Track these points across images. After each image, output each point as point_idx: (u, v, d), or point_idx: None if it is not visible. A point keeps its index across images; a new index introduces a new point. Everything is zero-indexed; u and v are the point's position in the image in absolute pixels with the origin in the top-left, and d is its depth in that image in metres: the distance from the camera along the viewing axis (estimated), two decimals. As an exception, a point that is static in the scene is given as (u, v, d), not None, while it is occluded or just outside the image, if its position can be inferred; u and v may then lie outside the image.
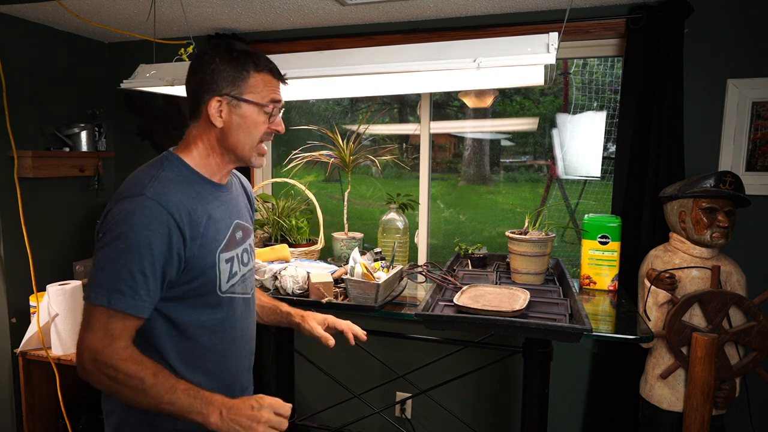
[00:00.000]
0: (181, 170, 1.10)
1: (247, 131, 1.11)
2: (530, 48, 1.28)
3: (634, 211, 2.00)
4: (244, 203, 1.27)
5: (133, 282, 0.98)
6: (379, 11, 2.13)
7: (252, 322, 1.26)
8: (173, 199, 1.02)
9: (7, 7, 2.14)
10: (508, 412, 2.37)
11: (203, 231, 1.06)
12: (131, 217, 0.99)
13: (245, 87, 1.09)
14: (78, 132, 2.48)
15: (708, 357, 1.59)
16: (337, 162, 2.20)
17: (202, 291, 1.08)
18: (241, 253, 1.19)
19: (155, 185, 1.03)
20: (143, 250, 0.98)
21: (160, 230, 0.99)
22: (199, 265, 1.06)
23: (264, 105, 1.10)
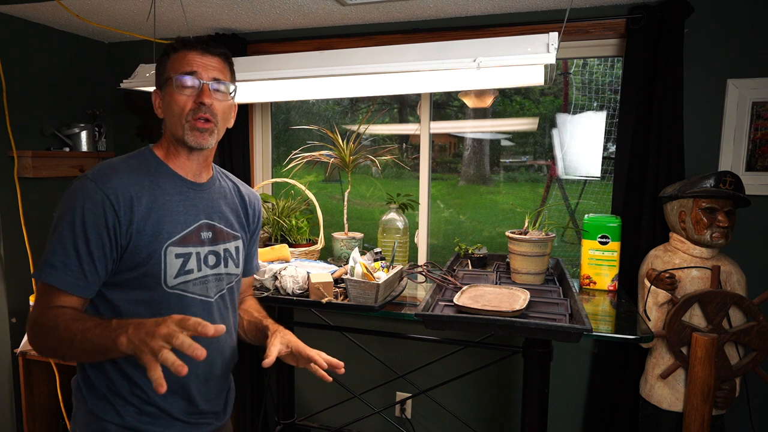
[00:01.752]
0: (148, 162, 1.13)
1: (171, 110, 1.12)
2: (530, 48, 1.28)
3: (634, 211, 2.00)
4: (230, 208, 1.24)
5: (66, 257, 1.00)
6: (379, 11, 2.13)
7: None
8: (113, 182, 1.04)
9: (7, 7, 2.14)
10: (508, 412, 2.37)
11: (144, 218, 1.06)
12: (70, 196, 1.03)
13: (164, 72, 1.14)
14: (78, 132, 2.48)
15: (708, 357, 1.59)
16: (337, 162, 2.20)
17: (145, 282, 1.07)
18: (206, 253, 1.15)
19: (103, 169, 1.06)
20: (77, 228, 1.01)
21: (94, 210, 1.01)
22: (140, 253, 1.05)
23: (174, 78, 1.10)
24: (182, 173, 1.16)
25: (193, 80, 1.11)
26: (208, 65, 1.13)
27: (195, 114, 1.11)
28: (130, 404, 1.09)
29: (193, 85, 1.11)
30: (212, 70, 1.14)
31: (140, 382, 1.09)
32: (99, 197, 1.02)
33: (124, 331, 0.90)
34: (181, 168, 1.16)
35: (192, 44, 1.13)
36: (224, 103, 1.16)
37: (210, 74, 1.13)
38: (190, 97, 1.11)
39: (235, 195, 1.29)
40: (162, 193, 1.10)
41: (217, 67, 1.15)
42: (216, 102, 1.13)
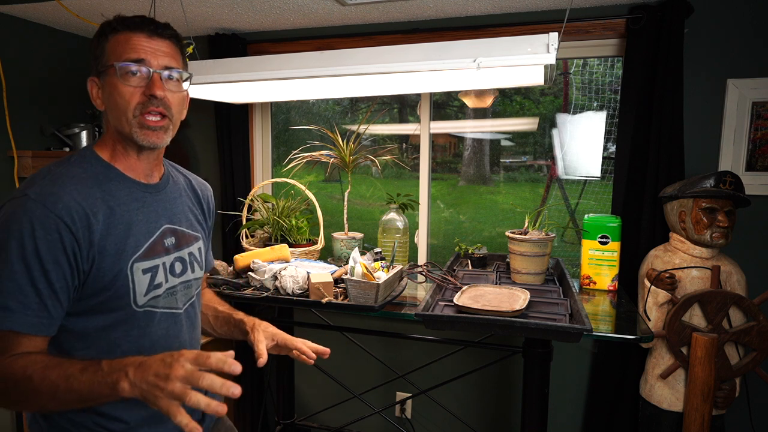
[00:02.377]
0: (92, 166, 0.97)
1: (114, 103, 0.95)
2: (530, 48, 1.28)
3: (634, 211, 2.00)
4: (188, 206, 1.13)
5: (23, 296, 0.85)
6: (379, 11, 2.13)
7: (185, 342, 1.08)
8: (63, 200, 0.88)
9: (7, 7, 2.14)
10: (508, 412, 2.37)
11: (105, 236, 0.92)
12: (12, 222, 0.86)
13: (104, 56, 0.96)
14: (78, 132, 2.48)
15: (708, 357, 1.59)
16: (337, 162, 2.20)
17: (112, 305, 0.94)
18: (172, 262, 1.04)
19: (44, 184, 0.90)
20: (30, 260, 0.85)
21: (47, 237, 0.86)
22: (105, 276, 0.92)
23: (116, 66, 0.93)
24: (133, 175, 1.01)
25: (141, 69, 0.94)
26: (157, 50, 0.96)
27: (144, 108, 0.95)
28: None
29: (141, 74, 0.95)
30: (162, 56, 0.97)
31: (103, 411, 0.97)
32: (51, 220, 0.86)
33: (124, 375, 0.80)
34: (131, 169, 1.01)
35: (137, 25, 0.95)
36: (178, 95, 1.00)
37: (160, 61, 0.96)
38: (137, 88, 0.94)
39: (189, 190, 1.17)
40: (117, 203, 0.96)
41: (167, 53, 0.98)
42: (169, 93, 0.97)
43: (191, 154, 2.67)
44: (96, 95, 1.00)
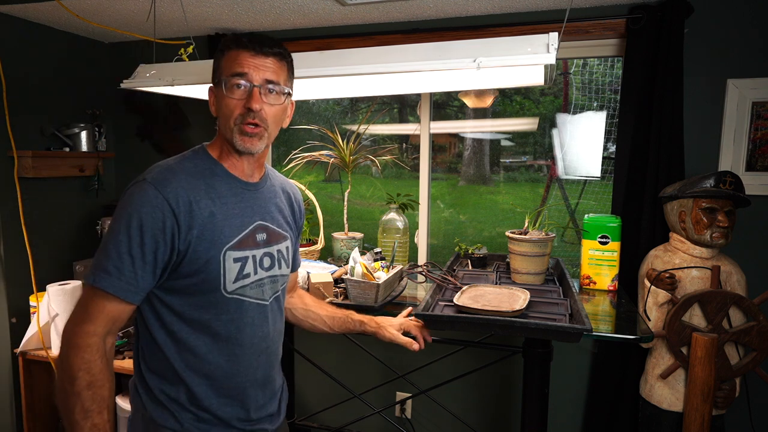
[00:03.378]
0: (203, 162, 1.10)
1: (222, 111, 1.09)
2: (530, 48, 1.28)
3: (634, 211, 2.00)
4: (281, 207, 1.23)
5: (120, 262, 0.98)
6: (379, 11, 2.13)
7: (268, 333, 1.18)
8: (173, 186, 1.02)
9: (7, 7, 2.14)
10: (508, 412, 2.37)
11: (204, 223, 1.04)
12: (129, 200, 1.01)
13: (218, 70, 1.10)
14: (78, 132, 2.48)
15: (708, 357, 1.59)
16: (337, 162, 2.20)
17: (204, 287, 1.05)
18: (261, 256, 1.14)
19: (161, 171, 1.04)
20: (133, 231, 0.98)
21: (153, 214, 0.99)
22: (199, 259, 1.03)
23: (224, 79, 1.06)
24: (236, 173, 1.13)
25: (243, 83, 1.06)
26: (260, 66, 1.07)
27: (244, 119, 1.06)
28: (187, 411, 1.08)
29: (244, 88, 1.06)
30: (264, 71, 1.07)
31: (196, 390, 1.08)
32: (158, 201, 1.00)
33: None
34: (234, 168, 1.13)
35: (244, 43, 1.07)
36: (276, 107, 1.10)
37: (261, 76, 1.07)
38: (239, 101, 1.06)
39: (283, 193, 1.27)
40: (218, 195, 1.08)
41: (270, 68, 1.08)
42: (267, 106, 1.08)
43: (191, 154, 2.67)
44: (212, 102, 1.14)
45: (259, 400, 1.17)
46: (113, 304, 1.00)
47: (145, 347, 1.10)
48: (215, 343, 1.08)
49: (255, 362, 1.14)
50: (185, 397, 1.08)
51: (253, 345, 1.13)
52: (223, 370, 1.10)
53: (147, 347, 1.09)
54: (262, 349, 1.16)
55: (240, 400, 1.13)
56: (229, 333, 1.09)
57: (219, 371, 1.09)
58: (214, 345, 1.08)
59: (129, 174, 2.80)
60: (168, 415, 1.08)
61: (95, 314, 0.99)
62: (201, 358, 1.08)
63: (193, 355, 1.07)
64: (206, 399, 1.09)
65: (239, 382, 1.12)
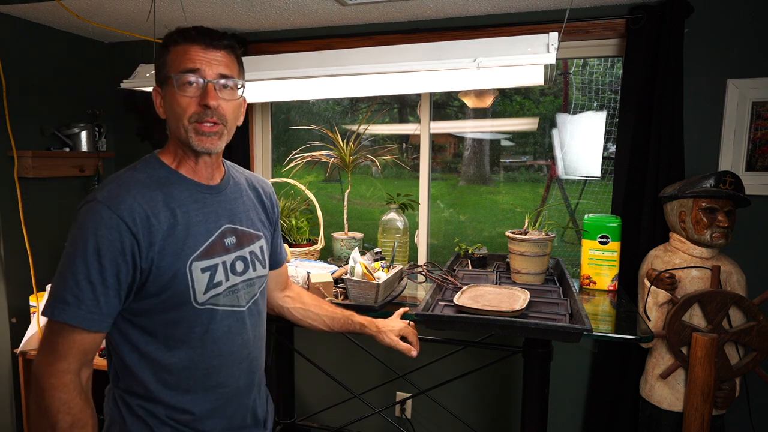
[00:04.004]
0: (155, 170, 1.04)
1: (173, 111, 1.01)
2: (530, 48, 1.28)
3: (634, 211, 2.00)
4: (250, 205, 1.17)
5: (79, 291, 0.91)
6: (379, 11, 2.13)
7: (248, 339, 1.12)
8: (127, 202, 0.95)
9: (7, 7, 2.14)
10: (508, 412, 2.36)
11: (165, 236, 0.97)
12: (82, 222, 0.94)
13: (165, 67, 1.02)
14: (78, 132, 2.48)
15: (708, 357, 1.59)
16: (337, 162, 2.20)
17: (174, 303, 0.99)
18: (233, 260, 1.08)
19: (111, 188, 0.97)
20: (90, 256, 0.92)
21: (109, 236, 0.92)
22: (164, 275, 0.97)
23: (174, 77, 0.99)
24: (194, 178, 1.06)
25: (196, 79, 0.99)
26: (212, 60, 1.01)
27: (199, 117, 1.00)
28: (166, 425, 1.04)
29: (196, 84, 1.00)
30: (217, 65, 1.01)
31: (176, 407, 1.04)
32: (113, 221, 0.93)
33: None
34: (192, 172, 1.07)
35: (193, 37, 1.00)
36: (232, 102, 1.04)
37: (215, 70, 1.01)
38: (193, 98, 1.00)
39: (250, 189, 1.21)
40: (178, 205, 1.01)
41: (222, 62, 1.02)
42: (223, 102, 1.02)
43: (191, 154, 2.67)
44: (159, 104, 1.06)
45: (243, 409, 1.14)
46: (80, 336, 0.93)
47: (118, 370, 1.04)
48: (192, 358, 1.03)
49: (237, 371, 1.10)
50: (164, 413, 1.03)
51: (232, 354, 1.08)
52: (203, 383, 1.05)
53: (120, 370, 1.04)
54: (243, 357, 1.11)
55: (222, 411, 1.09)
56: (205, 345, 1.04)
57: (198, 385, 1.05)
58: (191, 360, 1.03)
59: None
60: (147, 430, 1.03)
61: (64, 350, 0.93)
62: (178, 374, 1.03)
63: (170, 374, 1.02)
64: (186, 414, 1.05)
65: (222, 393, 1.08)
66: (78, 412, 0.94)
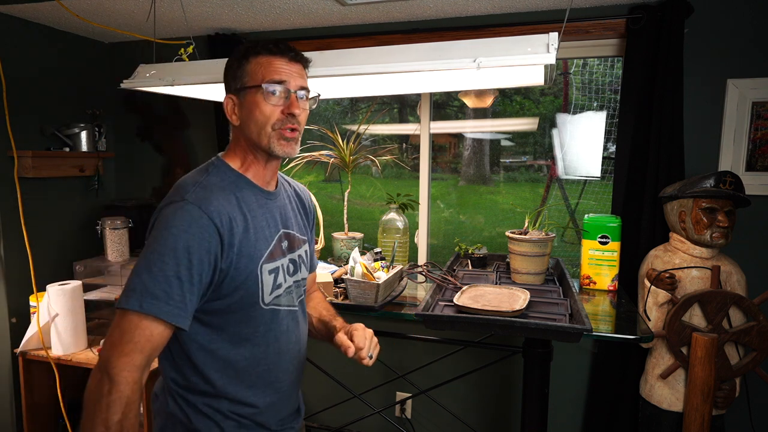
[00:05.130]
0: (226, 174, 1.09)
1: (254, 118, 1.06)
2: (530, 48, 1.28)
3: (634, 211, 2.00)
4: (296, 211, 1.23)
5: (168, 286, 0.94)
6: (379, 11, 2.13)
7: (299, 336, 1.20)
8: (214, 204, 1.00)
9: (7, 7, 2.14)
10: (508, 412, 2.37)
11: (242, 239, 1.03)
12: (171, 221, 0.97)
13: (246, 76, 1.07)
14: (78, 132, 2.48)
15: (708, 357, 1.59)
16: (337, 162, 2.20)
17: (244, 303, 1.05)
18: (287, 263, 1.14)
19: (197, 190, 1.01)
20: (180, 253, 0.95)
21: (199, 234, 0.96)
22: (240, 276, 1.02)
23: (259, 86, 1.05)
24: (258, 183, 1.12)
25: (283, 90, 1.06)
26: (294, 73, 1.08)
27: (283, 124, 1.06)
28: (229, 419, 1.09)
29: (283, 95, 1.06)
30: (299, 77, 1.09)
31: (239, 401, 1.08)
32: (204, 221, 0.97)
33: None
34: (257, 177, 1.12)
35: (279, 50, 1.07)
36: (307, 112, 1.13)
37: (298, 82, 1.08)
38: (277, 106, 1.06)
39: (294, 196, 1.26)
40: (249, 209, 1.07)
41: (302, 74, 1.11)
42: (303, 112, 1.10)
43: (191, 154, 2.67)
44: (232, 111, 1.10)
45: (293, 402, 1.21)
46: (159, 331, 0.95)
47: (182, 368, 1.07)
48: (255, 355, 1.09)
49: (291, 366, 1.17)
50: (227, 407, 1.08)
51: (289, 350, 1.16)
52: (264, 379, 1.12)
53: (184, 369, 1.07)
54: (296, 353, 1.19)
55: (280, 405, 1.16)
56: (268, 343, 1.10)
57: (260, 380, 1.11)
58: (254, 357, 1.09)
59: (129, 174, 2.80)
60: (212, 424, 1.08)
61: (142, 343, 0.93)
62: (243, 370, 1.08)
63: (235, 370, 1.07)
64: (248, 408, 1.10)
65: (279, 387, 1.15)
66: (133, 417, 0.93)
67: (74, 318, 2.11)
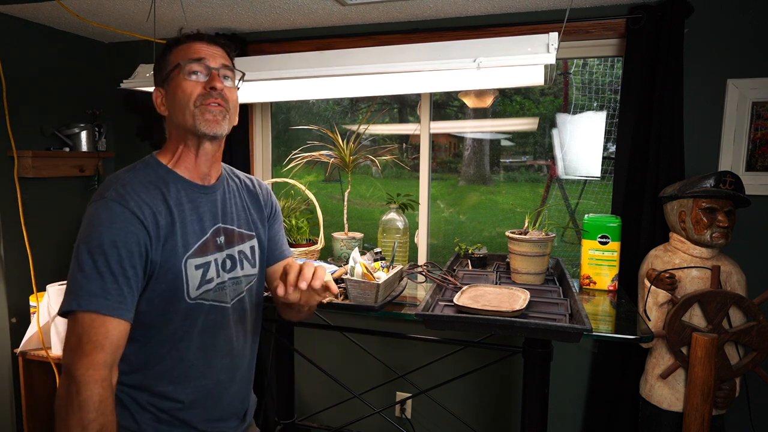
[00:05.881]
0: (155, 171, 1.09)
1: (177, 99, 1.07)
2: (530, 48, 1.28)
3: (634, 211, 2.00)
4: (242, 206, 1.22)
5: (102, 282, 0.94)
6: (379, 11, 2.13)
7: (231, 335, 1.16)
8: (135, 199, 1.00)
9: (7, 7, 2.14)
10: (508, 412, 2.37)
11: (168, 233, 1.03)
12: (95, 219, 0.98)
13: (168, 65, 1.10)
14: (78, 132, 2.48)
15: (708, 357, 1.59)
16: (337, 162, 2.20)
17: (168, 296, 1.04)
18: (223, 259, 1.13)
19: (117, 188, 1.02)
20: (108, 249, 0.95)
21: (124, 228, 0.97)
22: (165, 270, 1.02)
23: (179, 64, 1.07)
24: (190, 178, 1.11)
25: (202, 65, 1.07)
26: (215, 53, 1.11)
27: (205, 99, 1.06)
28: (147, 411, 1.07)
29: (202, 70, 1.07)
30: (220, 57, 1.11)
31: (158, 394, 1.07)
32: (128, 215, 0.98)
33: None
34: (189, 172, 1.11)
35: (197, 36, 1.11)
36: (233, 90, 1.13)
37: (218, 61, 1.10)
38: (198, 83, 1.07)
39: (244, 191, 1.25)
40: (175, 203, 1.06)
41: (223, 56, 1.12)
42: (227, 90, 1.09)
43: (191, 154, 2.67)
44: (160, 102, 1.13)
45: (223, 402, 1.17)
46: (113, 326, 0.95)
47: None
48: (179, 349, 1.08)
49: (219, 364, 1.14)
50: (146, 399, 1.07)
51: (215, 347, 1.13)
52: (186, 374, 1.09)
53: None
54: (226, 352, 1.15)
55: (208, 404, 1.13)
56: (191, 338, 1.09)
57: (183, 376, 1.09)
58: (177, 351, 1.07)
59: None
60: (127, 415, 1.06)
61: (100, 341, 0.93)
62: (165, 364, 1.07)
63: (158, 363, 1.07)
64: (169, 402, 1.08)
65: (205, 385, 1.12)
66: (110, 413, 0.93)
67: (74, 318, 2.11)
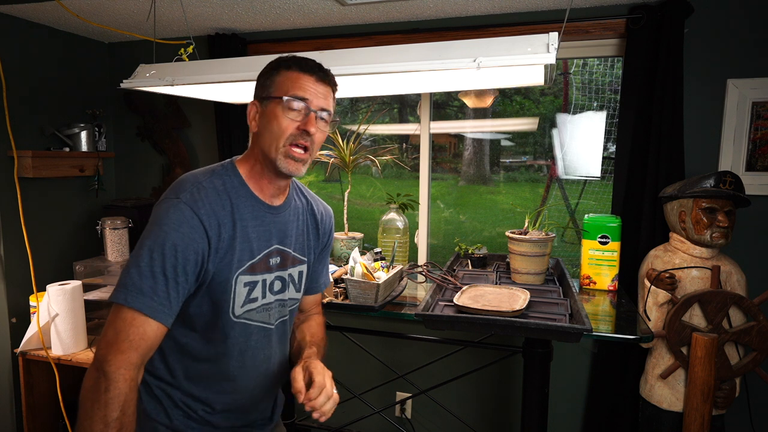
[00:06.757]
0: (230, 180, 1.09)
1: (270, 128, 1.06)
2: (530, 48, 1.28)
3: (634, 211, 2.00)
4: (302, 230, 1.22)
5: (154, 282, 0.95)
6: (379, 11, 2.13)
7: (270, 355, 1.19)
8: (205, 207, 1.01)
9: (7, 7, 2.14)
10: (508, 413, 2.37)
11: (227, 246, 1.04)
12: (163, 218, 0.99)
13: (272, 87, 1.08)
14: (78, 132, 2.48)
15: (708, 357, 1.59)
16: (337, 162, 2.20)
17: (214, 310, 1.06)
18: (273, 280, 1.14)
19: (192, 191, 1.03)
20: (168, 251, 0.96)
21: (189, 234, 0.98)
22: (215, 281, 1.04)
23: (281, 98, 1.05)
24: (261, 195, 1.12)
25: (303, 107, 1.06)
26: (319, 93, 1.09)
27: (295, 140, 1.06)
28: (179, 408, 1.11)
29: (302, 110, 1.06)
30: (322, 98, 1.09)
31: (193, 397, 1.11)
32: (195, 222, 0.99)
33: None
34: (260, 189, 1.12)
35: (309, 67, 1.08)
36: (322, 133, 1.11)
37: (319, 103, 1.08)
38: (294, 121, 1.06)
39: (308, 214, 1.25)
40: (240, 218, 1.07)
41: (326, 96, 1.11)
42: (318, 132, 1.09)
43: (191, 154, 2.67)
44: (253, 117, 1.12)
45: (253, 407, 1.20)
46: (151, 328, 0.96)
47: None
48: (218, 363, 1.10)
49: (254, 383, 1.17)
50: (180, 397, 1.11)
51: (255, 367, 1.15)
52: (223, 387, 1.12)
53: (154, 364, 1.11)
54: (262, 371, 1.18)
55: (235, 415, 1.17)
56: (232, 355, 1.11)
57: (217, 387, 1.12)
58: (216, 364, 1.10)
59: (129, 174, 2.80)
60: (160, 409, 1.10)
61: (137, 341, 0.95)
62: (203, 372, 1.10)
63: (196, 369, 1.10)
64: (201, 404, 1.12)
65: (236, 399, 1.15)
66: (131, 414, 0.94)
67: (74, 318, 2.11)
